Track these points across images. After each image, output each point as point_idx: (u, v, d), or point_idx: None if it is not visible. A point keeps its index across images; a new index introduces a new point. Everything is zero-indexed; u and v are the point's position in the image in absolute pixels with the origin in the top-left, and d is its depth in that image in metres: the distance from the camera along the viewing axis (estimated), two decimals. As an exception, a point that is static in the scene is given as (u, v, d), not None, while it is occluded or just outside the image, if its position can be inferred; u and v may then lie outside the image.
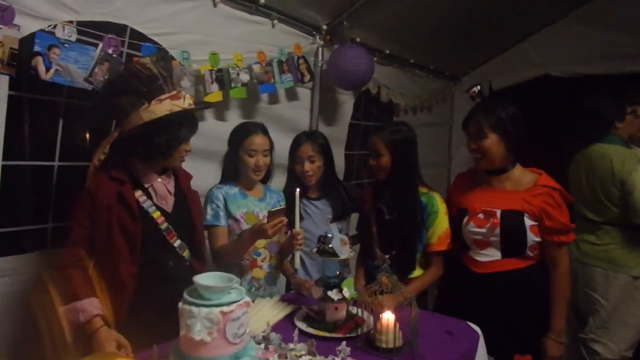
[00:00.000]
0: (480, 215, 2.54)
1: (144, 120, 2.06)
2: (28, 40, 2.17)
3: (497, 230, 2.48)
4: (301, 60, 3.52)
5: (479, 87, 2.62)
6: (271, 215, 2.34)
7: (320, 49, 3.79)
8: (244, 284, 2.59)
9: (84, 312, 1.96)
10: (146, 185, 2.18)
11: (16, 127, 2.34)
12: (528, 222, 2.45)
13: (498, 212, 2.49)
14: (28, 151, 2.51)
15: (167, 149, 2.14)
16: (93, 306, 1.97)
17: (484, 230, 2.52)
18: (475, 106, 2.63)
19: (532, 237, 2.46)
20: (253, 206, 2.64)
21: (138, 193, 2.13)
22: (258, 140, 2.62)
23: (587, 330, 3.31)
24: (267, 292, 2.65)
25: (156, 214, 2.14)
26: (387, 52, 4.41)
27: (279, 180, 3.01)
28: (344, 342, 1.83)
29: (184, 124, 2.17)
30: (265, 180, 2.80)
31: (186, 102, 2.16)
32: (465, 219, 2.60)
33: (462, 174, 2.88)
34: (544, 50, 5.22)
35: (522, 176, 2.56)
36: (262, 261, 2.65)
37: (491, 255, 2.54)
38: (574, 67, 5.04)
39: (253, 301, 2.38)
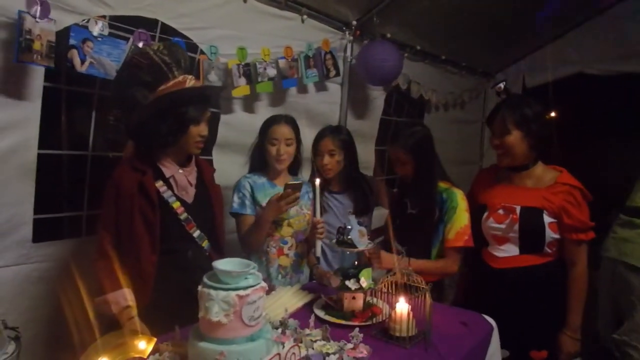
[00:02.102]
0: (500, 211, 2.55)
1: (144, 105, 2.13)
2: (63, 34, 2.27)
3: (516, 227, 2.49)
4: (328, 56, 3.55)
5: (504, 83, 2.61)
6: (288, 187, 2.42)
7: (349, 45, 3.82)
8: (272, 271, 2.67)
9: (115, 304, 2.04)
10: (167, 176, 2.23)
11: (51, 118, 2.44)
12: (547, 219, 2.45)
13: (517, 209, 2.49)
14: (63, 141, 2.60)
15: (174, 132, 2.17)
16: (123, 298, 2.05)
17: (503, 226, 2.53)
18: (500, 102, 2.62)
19: (551, 234, 2.46)
20: None
21: (159, 183, 2.18)
22: (280, 129, 2.68)
23: (621, 332, 3.15)
24: (293, 280, 2.73)
25: (176, 205, 2.20)
26: (418, 48, 4.41)
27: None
28: (356, 329, 1.86)
29: (189, 104, 2.17)
30: (295, 171, 2.85)
31: (189, 84, 2.18)
32: (485, 214, 2.61)
33: (485, 170, 2.89)
34: (580, 48, 5.11)
35: (543, 174, 2.55)
36: (289, 249, 2.72)
37: (509, 251, 2.55)
38: (611, 65, 4.94)
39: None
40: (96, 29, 2.36)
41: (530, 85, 5.48)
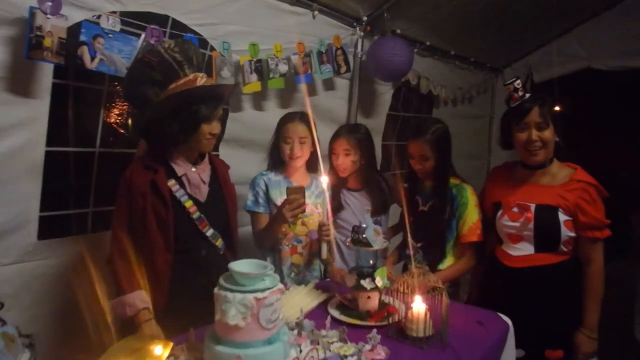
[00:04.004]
0: (515, 209, 2.51)
1: (155, 103, 2.11)
2: (74, 30, 2.24)
3: (531, 225, 2.44)
4: (339, 52, 3.53)
5: (519, 80, 2.55)
6: (290, 191, 2.41)
7: (360, 40, 3.80)
8: (284, 269, 2.67)
9: (130, 306, 2.02)
10: (180, 175, 2.20)
11: (59, 115, 2.42)
12: (562, 217, 2.41)
13: (532, 207, 2.45)
14: (70, 138, 2.58)
15: (185, 131, 2.14)
16: (139, 300, 2.03)
17: (517, 224, 2.49)
18: (530, 96, 2.50)
19: (567, 232, 2.41)
20: None
21: (171, 182, 2.16)
22: (294, 128, 2.67)
23: None
24: (306, 278, 2.72)
25: (188, 203, 2.18)
26: (428, 43, 4.38)
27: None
28: (374, 330, 1.85)
29: (200, 102, 2.13)
30: (313, 168, 2.83)
31: (200, 82, 2.14)
32: (499, 212, 2.57)
33: (498, 168, 2.83)
34: (588, 43, 5.08)
35: (558, 171, 2.51)
36: (303, 248, 2.71)
37: (524, 249, 2.50)
38: (620, 61, 4.91)
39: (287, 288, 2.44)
40: (108, 25, 2.33)
41: (538, 81, 5.44)
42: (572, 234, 2.43)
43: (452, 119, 5.04)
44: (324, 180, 2.45)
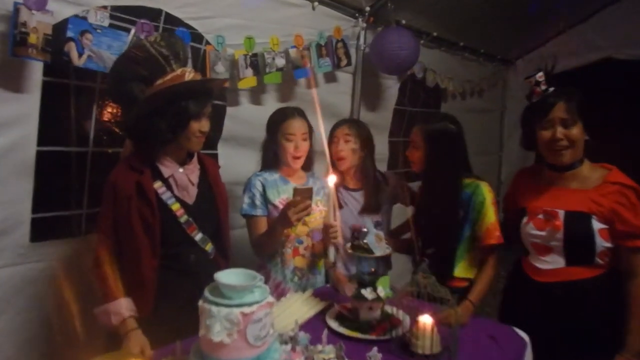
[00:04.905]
0: (541, 216, 2.30)
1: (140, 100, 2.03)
2: (61, 26, 2.18)
3: (560, 234, 2.23)
4: (339, 44, 3.44)
5: (541, 72, 2.39)
6: (297, 193, 2.29)
7: (362, 32, 3.72)
8: (287, 272, 2.57)
9: (115, 314, 1.95)
10: (166, 176, 2.12)
11: (51, 113, 2.36)
12: (597, 225, 2.19)
13: (561, 214, 2.24)
14: (63, 137, 2.51)
15: (173, 129, 2.05)
16: (125, 308, 1.96)
17: (543, 233, 2.28)
18: (555, 91, 2.29)
19: (602, 243, 2.19)
20: None
21: (157, 184, 2.07)
22: (296, 124, 2.56)
23: None
24: (310, 281, 2.62)
25: (175, 206, 2.09)
26: (435, 34, 4.28)
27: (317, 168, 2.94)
28: (375, 348, 1.74)
29: (188, 98, 2.05)
30: (308, 167, 2.73)
31: (188, 77, 2.06)
32: (525, 219, 2.37)
33: (524, 170, 2.62)
34: (608, 32, 4.89)
35: (590, 173, 2.28)
36: (305, 250, 2.60)
37: (554, 262, 2.29)
38: (640, 50, 4.73)
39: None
40: (96, 20, 2.26)
41: (554, 72, 5.29)
42: (609, 245, 2.21)
43: (461, 114, 4.91)
44: (331, 180, 2.33)
